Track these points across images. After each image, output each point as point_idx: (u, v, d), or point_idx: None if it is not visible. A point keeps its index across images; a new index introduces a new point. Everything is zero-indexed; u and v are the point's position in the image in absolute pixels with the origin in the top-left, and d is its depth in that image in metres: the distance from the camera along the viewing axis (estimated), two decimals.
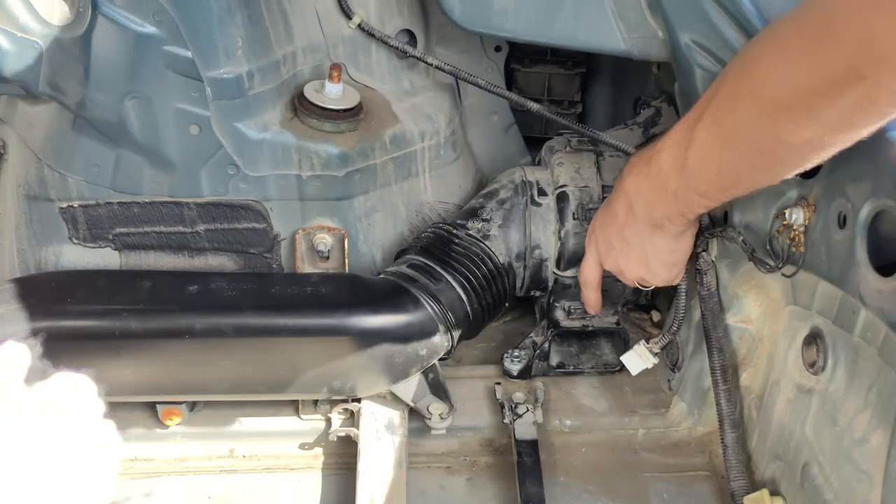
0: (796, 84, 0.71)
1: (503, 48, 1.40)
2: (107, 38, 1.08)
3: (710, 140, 0.87)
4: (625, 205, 1.04)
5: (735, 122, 0.82)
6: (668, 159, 0.94)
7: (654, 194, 0.99)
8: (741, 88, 0.80)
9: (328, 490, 1.20)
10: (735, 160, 0.86)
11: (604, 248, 1.12)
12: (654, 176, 0.97)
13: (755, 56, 0.79)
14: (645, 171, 0.99)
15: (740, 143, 0.83)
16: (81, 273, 1.20)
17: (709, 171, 0.90)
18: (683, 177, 0.92)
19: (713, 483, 1.22)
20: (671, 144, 0.93)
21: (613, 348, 1.36)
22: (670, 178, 0.94)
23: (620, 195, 1.05)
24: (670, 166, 0.94)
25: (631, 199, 1.03)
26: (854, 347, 0.91)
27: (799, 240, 1.00)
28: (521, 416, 1.24)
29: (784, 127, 0.76)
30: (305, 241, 1.24)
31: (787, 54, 0.72)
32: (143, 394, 1.15)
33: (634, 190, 1.02)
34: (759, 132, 0.79)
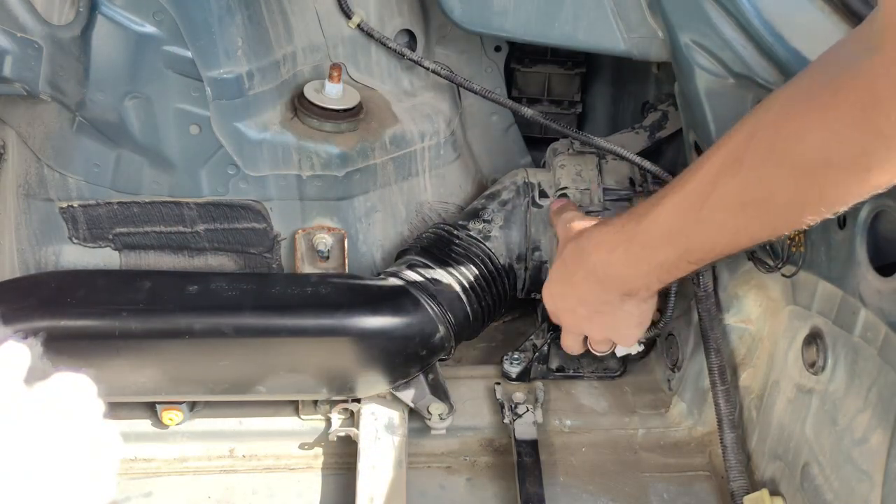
0: (855, 157, 0.70)
1: (503, 48, 1.39)
2: (107, 38, 1.08)
3: (733, 215, 0.82)
4: (590, 276, 0.98)
5: (772, 197, 0.77)
6: (660, 233, 0.88)
7: (632, 267, 0.93)
8: (787, 163, 0.75)
9: (328, 490, 1.20)
10: (758, 230, 0.82)
11: (567, 317, 1.07)
12: (635, 250, 0.91)
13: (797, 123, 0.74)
14: (622, 246, 0.93)
15: (772, 215, 0.79)
16: (81, 273, 1.20)
17: (719, 240, 0.85)
18: (681, 248, 0.87)
19: (713, 483, 1.22)
20: (664, 218, 0.87)
21: (614, 353, 1.36)
22: (660, 251, 0.89)
23: (581, 266, 0.99)
24: (662, 240, 0.88)
25: (599, 272, 0.97)
26: (854, 347, 0.91)
27: (799, 240, 1.00)
28: (521, 416, 1.24)
29: (837, 194, 0.73)
30: (305, 241, 1.24)
31: (846, 126, 0.69)
32: (143, 394, 1.15)
33: (605, 262, 0.96)
34: (803, 202, 0.75)
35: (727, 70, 1.05)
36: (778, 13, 0.99)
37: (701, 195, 0.83)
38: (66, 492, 0.58)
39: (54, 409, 0.60)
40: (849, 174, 0.71)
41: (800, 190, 0.75)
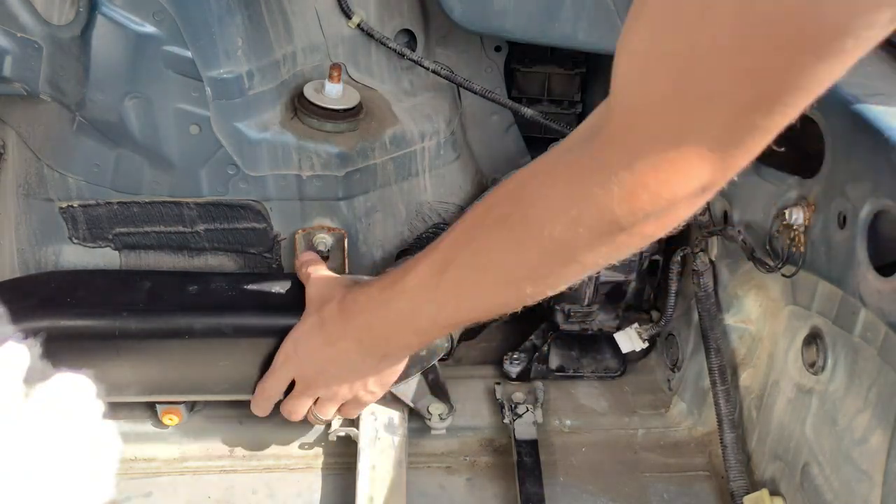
0: (563, 237, 0.73)
1: (503, 48, 1.39)
2: (107, 38, 1.08)
3: (465, 285, 0.85)
4: (352, 338, 0.98)
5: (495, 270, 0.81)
6: (411, 301, 0.89)
7: (391, 331, 0.94)
8: (506, 240, 0.79)
9: (328, 490, 1.20)
10: (489, 302, 0.85)
11: (312, 371, 1.03)
12: (392, 316, 0.92)
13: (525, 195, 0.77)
14: (382, 311, 0.93)
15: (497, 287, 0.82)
16: (81, 273, 1.20)
17: (460, 309, 0.88)
18: (430, 316, 0.89)
19: (713, 483, 1.22)
20: (411, 287, 0.89)
21: (615, 353, 1.36)
22: (414, 317, 0.90)
23: (344, 328, 0.98)
24: (413, 308, 0.90)
25: (363, 335, 0.97)
26: (854, 347, 0.91)
27: (799, 240, 1.00)
28: (520, 416, 1.24)
29: (550, 273, 0.77)
30: (305, 240, 1.24)
31: (555, 209, 0.73)
32: (142, 394, 1.15)
33: (367, 326, 0.96)
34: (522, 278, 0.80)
35: None
36: None
37: (442, 265, 0.85)
38: (66, 492, 0.58)
39: (54, 409, 0.60)
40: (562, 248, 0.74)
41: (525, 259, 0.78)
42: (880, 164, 0.87)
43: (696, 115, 0.60)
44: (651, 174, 0.64)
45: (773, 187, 1.06)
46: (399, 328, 0.92)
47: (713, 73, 0.57)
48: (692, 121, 0.61)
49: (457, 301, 0.87)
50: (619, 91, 0.66)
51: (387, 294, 0.92)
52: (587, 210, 0.69)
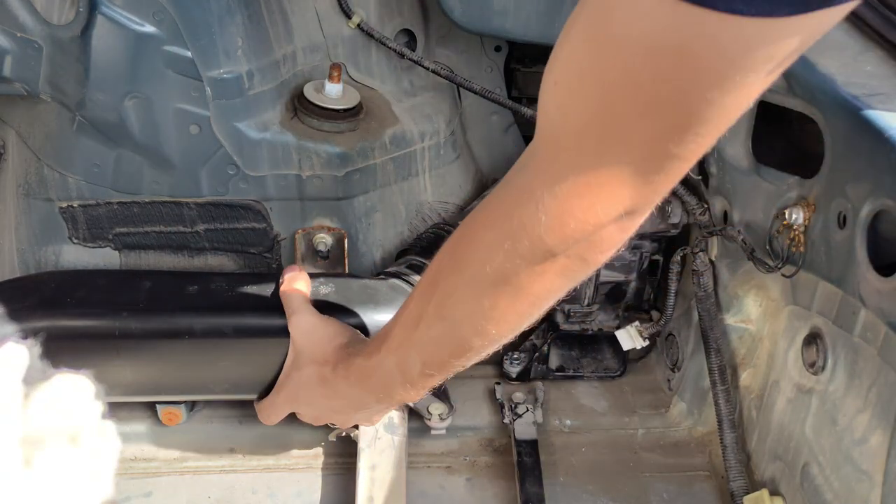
0: (503, 269, 0.74)
1: (503, 48, 1.39)
2: (107, 38, 1.08)
3: (437, 332, 0.86)
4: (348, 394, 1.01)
5: (456, 312, 0.82)
6: (396, 357, 0.91)
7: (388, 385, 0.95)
8: (459, 279, 0.80)
9: (328, 490, 1.20)
10: (461, 346, 0.86)
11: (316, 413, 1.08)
12: (383, 375, 0.94)
13: (467, 237, 0.79)
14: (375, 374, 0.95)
15: (463, 330, 0.83)
16: (81, 273, 1.20)
17: (440, 359, 0.89)
18: (417, 365, 0.90)
19: (713, 483, 1.22)
20: (399, 345, 0.91)
21: (615, 353, 1.36)
22: (408, 371, 0.91)
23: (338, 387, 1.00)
24: (401, 363, 0.91)
25: (360, 392, 0.99)
26: (854, 347, 0.91)
27: (799, 240, 1.00)
28: (520, 416, 1.24)
29: (504, 308, 0.78)
30: (305, 240, 1.24)
31: (493, 241, 0.74)
32: (143, 394, 1.15)
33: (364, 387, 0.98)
34: (482, 317, 0.80)
35: None
36: None
37: (415, 317, 0.87)
38: (66, 492, 0.58)
39: (54, 409, 0.60)
40: (508, 285, 0.75)
41: (478, 301, 0.79)
42: (880, 164, 0.87)
43: (612, 144, 0.62)
44: (575, 201, 0.66)
45: (773, 187, 1.06)
46: (394, 383, 0.93)
47: (626, 104, 0.59)
48: (609, 149, 0.62)
49: (434, 352, 0.88)
50: (543, 121, 0.68)
51: (374, 360, 0.94)
52: (520, 241, 0.71)
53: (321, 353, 1.03)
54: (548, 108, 0.67)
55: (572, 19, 0.61)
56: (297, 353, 1.05)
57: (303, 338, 1.04)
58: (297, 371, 1.05)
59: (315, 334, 1.04)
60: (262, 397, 1.10)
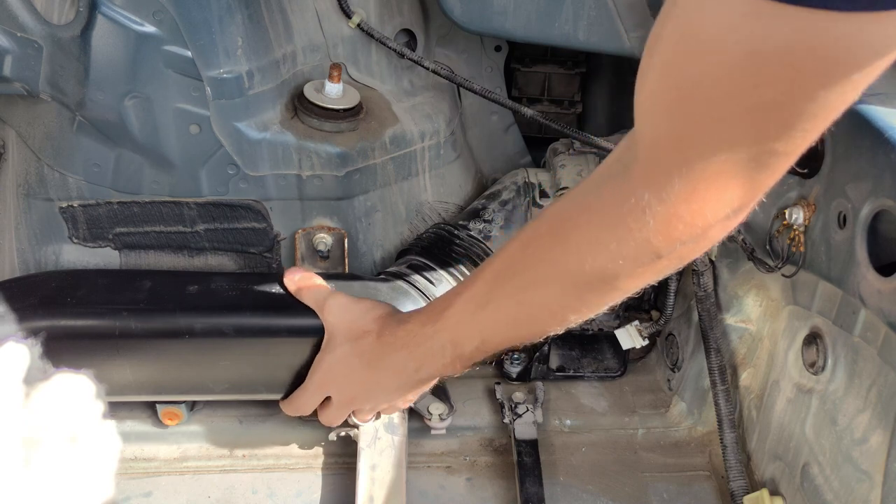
0: (604, 269, 0.76)
1: (503, 48, 1.40)
2: (107, 38, 1.08)
3: (509, 315, 0.88)
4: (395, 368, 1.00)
5: (537, 301, 0.84)
6: (453, 332, 0.92)
7: (435, 361, 0.96)
8: (546, 273, 0.82)
9: (328, 490, 1.20)
10: (532, 329, 0.88)
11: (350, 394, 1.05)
12: (436, 348, 0.94)
13: (561, 233, 0.80)
14: (425, 345, 0.96)
15: (540, 316, 0.86)
16: (81, 273, 1.20)
17: (504, 335, 0.91)
18: (473, 343, 0.92)
19: (713, 483, 1.22)
20: (454, 319, 0.92)
21: (615, 353, 1.36)
22: (457, 346, 0.93)
23: (385, 359, 1.00)
24: (456, 338, 0.93)
25: (408, 365, 0.99)
26: (854, 347, 0.91)
27: (799, 239, 1.00)
28: (520, 415, 1.24)
29: (591, 300, 0.81)
30: (305, 240, 1.24)
31: (593, 242, 0.76)
32: (143, 394, 1.15)
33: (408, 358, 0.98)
34: (563, 307, 0.83)
35: None
36: None
37: (484, 296, 0.89)
38: (66, 492, 0.58)
39: (54, 409, 0.60)
40: (603, 280, 0.78)
41: (564, 292, 0.82)
42: (880, 164, 0.87)
43: (717, 148, 0.62)
44: (683, 206, 0.67)
45: (773, 187, 1.06)
46: (442, 358, 0.94)
47: (728, 109, 0.59)
48: (715, 153, 0.63)
49: (499, 332, 0.90)
50: (643, 127, 0.68)
51: (428, 329, 0.94)
52: (626, 243, 0.73)
53: (360, 325, 1.02)
54: (645, 115, 0.67)
55: (662, 27, 0.61)
56: (331, 335, 1.04)
57: (338, 317, 1.04)
58: (331, 353, 1.04)
59: (351, 310, 1.04)
60: (287, 395, 1.10)
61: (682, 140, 0.64)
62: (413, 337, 0.96)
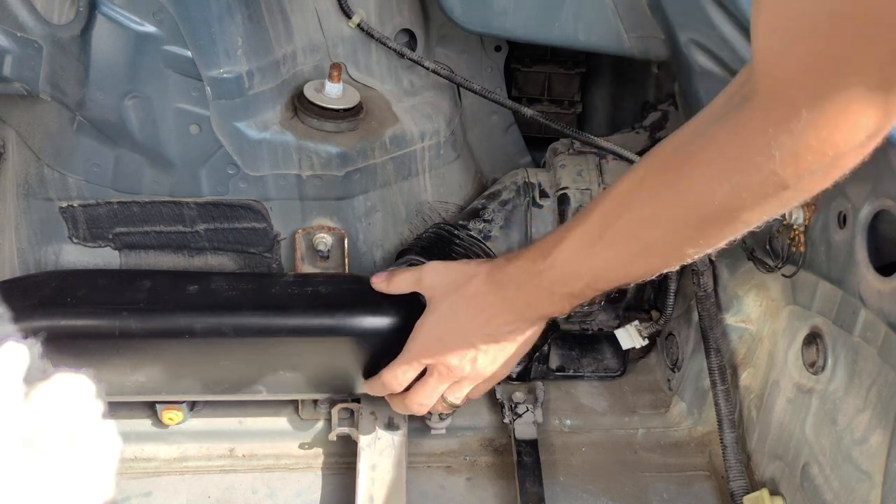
0: (727, 203, 0.76)
1: (503, 48, 1.39)
2: (107, 38, 1.08)
3: (623, 251, 0.88)
4: (504, 306, 1.00)
5: (654, 236, 0.84)
6: (564, 268, 0.93)
7: (544, 298, 0.96)
8: (664, 207, 0.82)
9: (328, 490, 1.20)
10: (648, 264, 0.88)
11: (457, 353, 1.02)
12: (546, 284, 0.95)
13: (682, 166, 0.80)
14: (534, 281, 0.96)
15: (657, 251, 0.85)
16: (81, 273, 1.20)
17: (617, 272, 0.91)
18: (584, 280, 0.92)
19: (713, 483, 1.22)
20: (566, 254, 0.92)
21: (615, 353, 1.36)
22: (567, 283, 0.93)
23: (494, 297, 1.00)
24: (567, 274, 0.93)
25: (517, 302, 0.99)
26: (854, 347, 0.91)
27: (799, 239, 1.00)
28: (520, 415, 1.24)
29: (711, 234, 0.80)
30: (305, 240, 1.24)
31: (716, 176, 0.76)
32: (143, 394, 1.15)
33: (519, 296, 0.98)
34: (682, 242, 0.82)
35: (727, 70, 1.05)
36: None
37: (599, 231, 0.89)
38: (66, 492, 0.58)
39: (54, 409, 0.60)
40: (725, 212, 0.77)
41: (683, 226, 0.81)
42: (880, 164, 0.87)
43: (845, 74, 0.61)
44: (812, 134, 0.65)
45: None
46: (551, 295, 0.95)
47: (854, 33, 0.59)
48: (842, 79, 0.62)
49: (612, 269, 0.90)
50: (764, 58, 0.67)
51: (539, 265, 0.94)
52: (751, 176, 0.71)
53: (466, 272, 1.02)
54: (766, 45, 0.66)
55: None
56: (432, 296, 1.04)
57: (439, 275, 1.04)
58: (434, 312, 1.03)
59: (451, 267, 1.05)
60: (369, 375, 1.09)
61: (807, 70, 0.63)
62: (522, 273, 0.96)
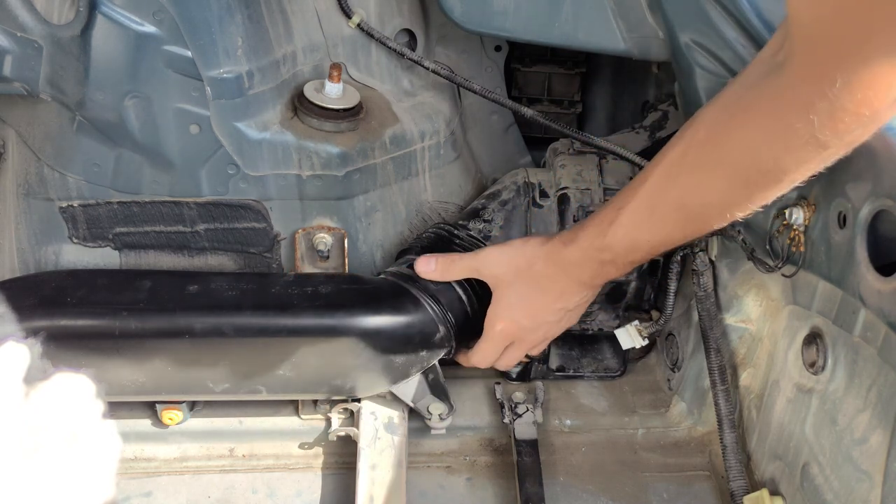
0: (770, 166, 0.80)
1: (503, 48, 1.40)
2: (107, 38, 1.08)
3: (676, 221, 0.95)
4: (569, 284, 1.09)
5: (703, 202, 0.90)
6: (624, 243, 1.00)
7: (606, 272, 1.06)
8: (709, 178, 0.87)
9: (328, 490, 1.20)
10: (702, 226, 0.95)
11: (532, 328, 1.13)
12: (607, 257, 1.03)
13: (722, 136, 0.84)
14: (595, 258, 1.04)
15: (707, 216, 0.92)
16: (81, 272, 1.20)
17: (673, 237, 0.99)
18: (643, 250, 1.01)
19: (713, 483, 1.22)
20: (623, 230, 0.99)
21: (615, 353, 1.36)
22: (628, 255, 1.02)
23: (556, 282, 1.09)
24: (627, 249, 1.01)
25: (579, 279, 1.08)
26: (854, 347, 0.91)
27: (799, 239, 1.00)
28: (520, 415, 1.24)
29: (758, 195, 0.85)
30: (305, 240, 1.24)
31: (758, 144, 0.79)
32: (143, 394, 1.15)
33: (585, 272, 1.07)
34: (731, 204, 0.87)
35: (727, 70, 1.05)
36: (778, 13, 0.99)
37: (650, 205, 0.96)
38: (66, 492, 0.58)
39: (54, 409, 0.60)
40: (769, 176, 0.81)
41: (729, 191, 0.86)
42: (880, 164, 0.87)
43: (876, 36, 0.64)
44: (847, 97, 0.68)
45: None
46: (614, 265, 1.03)
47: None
48: (874, 42, 0.64)
49: (666, 235, 0.97)
50: (800, 25, 0.70)
51: (597, 243, 1.02)
52: (791, 140, 0.75)
53: (523, 258, 1.08)
54: (800, 11, 0.69)
55: None
56: (497, 284, 1.11)
57: (498, 264, 1.10)
58: (503, 298, 1.10)
59: (506, 253, 1.11)
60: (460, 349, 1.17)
61: (841, 36, 0.66)
62: (583, 253, 1.04)
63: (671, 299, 1.23)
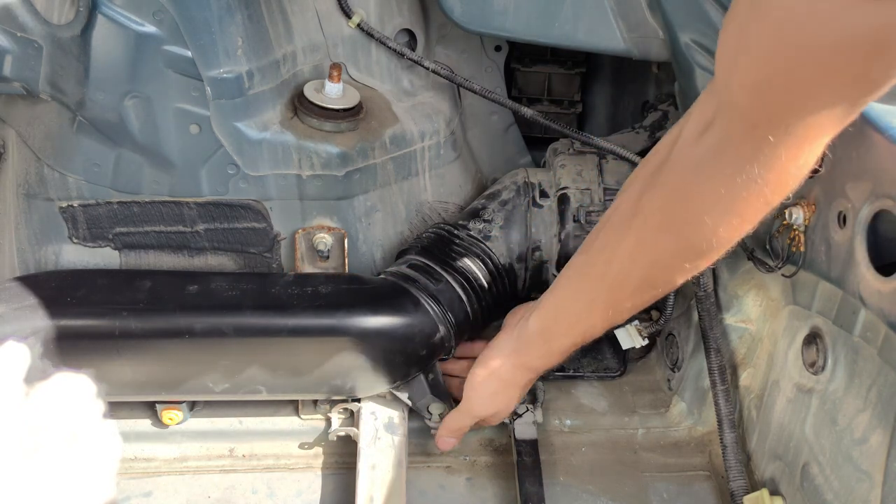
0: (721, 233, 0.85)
1: (503, 48, 1.40)
2: (107, 38, 1.08)
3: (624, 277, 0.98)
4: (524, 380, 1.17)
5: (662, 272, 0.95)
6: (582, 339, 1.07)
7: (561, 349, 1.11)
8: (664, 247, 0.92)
9: (328, 490, 1.20)
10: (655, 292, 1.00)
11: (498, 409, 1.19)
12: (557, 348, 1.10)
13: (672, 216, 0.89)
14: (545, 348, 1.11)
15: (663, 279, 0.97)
16: (81, 272, 1.20)
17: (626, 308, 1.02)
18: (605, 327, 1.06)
19: (713, 483, 1.22)
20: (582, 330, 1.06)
21: (615, 353, 1.36)
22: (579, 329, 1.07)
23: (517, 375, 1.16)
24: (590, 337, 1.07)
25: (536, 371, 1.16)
26: (854, 347, 0.91)
27: (799, 239, 1.00)
28: (520, 415, 1.24)
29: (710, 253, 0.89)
30: (305, 240, 1.24)
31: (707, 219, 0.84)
32: (143, 394, 1.15)
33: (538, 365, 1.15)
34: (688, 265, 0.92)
35: None
36: None
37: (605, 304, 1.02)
38: (66, 492, 0.58)
39: (54, 409, 0.60)
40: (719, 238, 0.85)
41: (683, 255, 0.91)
42: (880, 164, 0.87)
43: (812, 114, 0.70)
44: (790, 164, 0.75)
45: None
46: (567, 346, 1.09)
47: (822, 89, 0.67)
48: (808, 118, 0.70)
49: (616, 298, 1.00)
50: (736, 110, 0.75)
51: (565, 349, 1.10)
52: (742, 209, 0.81)
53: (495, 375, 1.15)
54: (740, 100, 0.74)
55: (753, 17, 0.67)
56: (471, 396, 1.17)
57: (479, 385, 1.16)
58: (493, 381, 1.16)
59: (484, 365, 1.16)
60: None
61: (781, 118, 0.71)
62: (550, 357, 1.12)
63: (671, 299, 1.23)
